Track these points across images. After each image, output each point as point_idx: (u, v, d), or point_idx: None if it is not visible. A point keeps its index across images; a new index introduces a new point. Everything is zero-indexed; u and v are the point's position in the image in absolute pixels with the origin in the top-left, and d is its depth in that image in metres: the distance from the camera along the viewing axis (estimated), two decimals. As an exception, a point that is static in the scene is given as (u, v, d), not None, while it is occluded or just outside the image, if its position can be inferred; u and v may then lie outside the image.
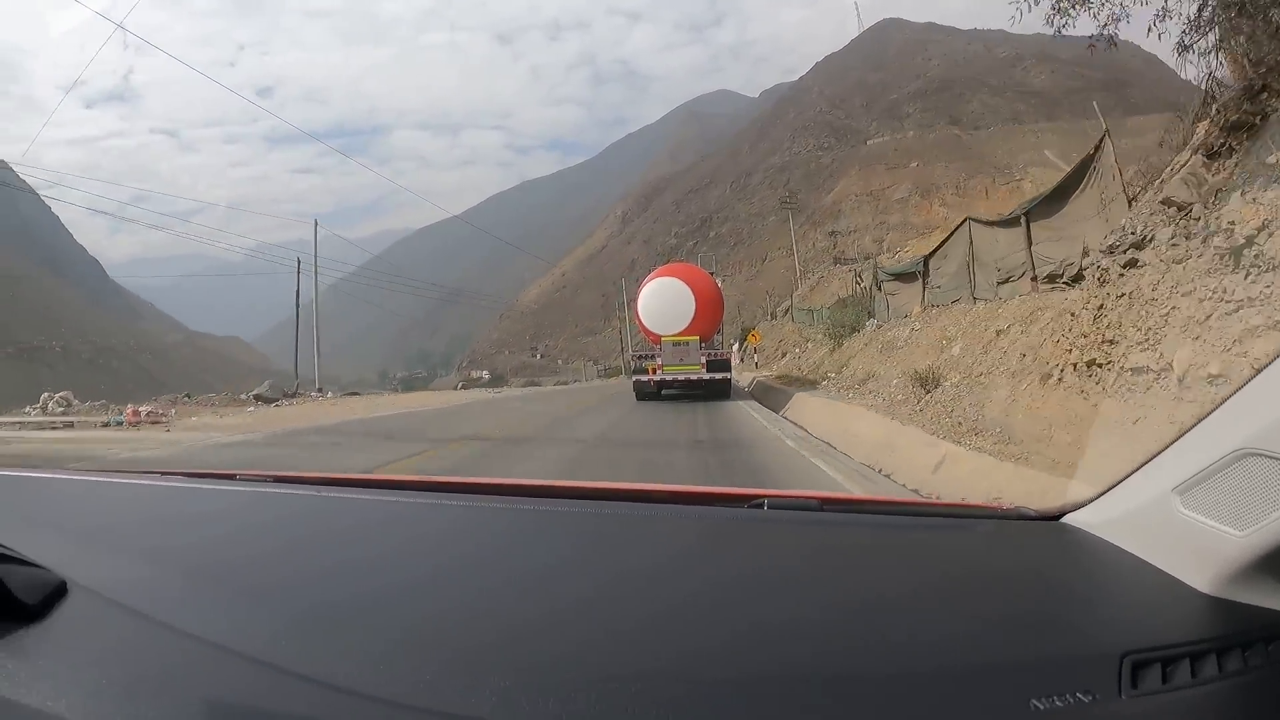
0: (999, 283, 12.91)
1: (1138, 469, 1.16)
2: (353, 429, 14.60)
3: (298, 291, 38.84)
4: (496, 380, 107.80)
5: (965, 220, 14.88)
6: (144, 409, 19.36)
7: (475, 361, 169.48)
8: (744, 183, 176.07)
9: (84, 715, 0.83)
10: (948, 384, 10.04)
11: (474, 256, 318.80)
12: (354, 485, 1.98)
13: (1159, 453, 1.11)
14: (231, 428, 15.79)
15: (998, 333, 10.53)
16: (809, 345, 29.46)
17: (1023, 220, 12.33)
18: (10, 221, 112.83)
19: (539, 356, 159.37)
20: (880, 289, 19.86)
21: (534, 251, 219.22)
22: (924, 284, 16.49)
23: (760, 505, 1.42)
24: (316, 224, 39.77)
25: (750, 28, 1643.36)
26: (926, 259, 16.64)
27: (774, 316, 49.80)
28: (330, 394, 31.54)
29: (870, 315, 20.57)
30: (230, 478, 1.99)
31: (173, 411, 21.31)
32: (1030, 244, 11.85)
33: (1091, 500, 1.25)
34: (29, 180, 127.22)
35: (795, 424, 11.90)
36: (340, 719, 0.83)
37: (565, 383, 73.91)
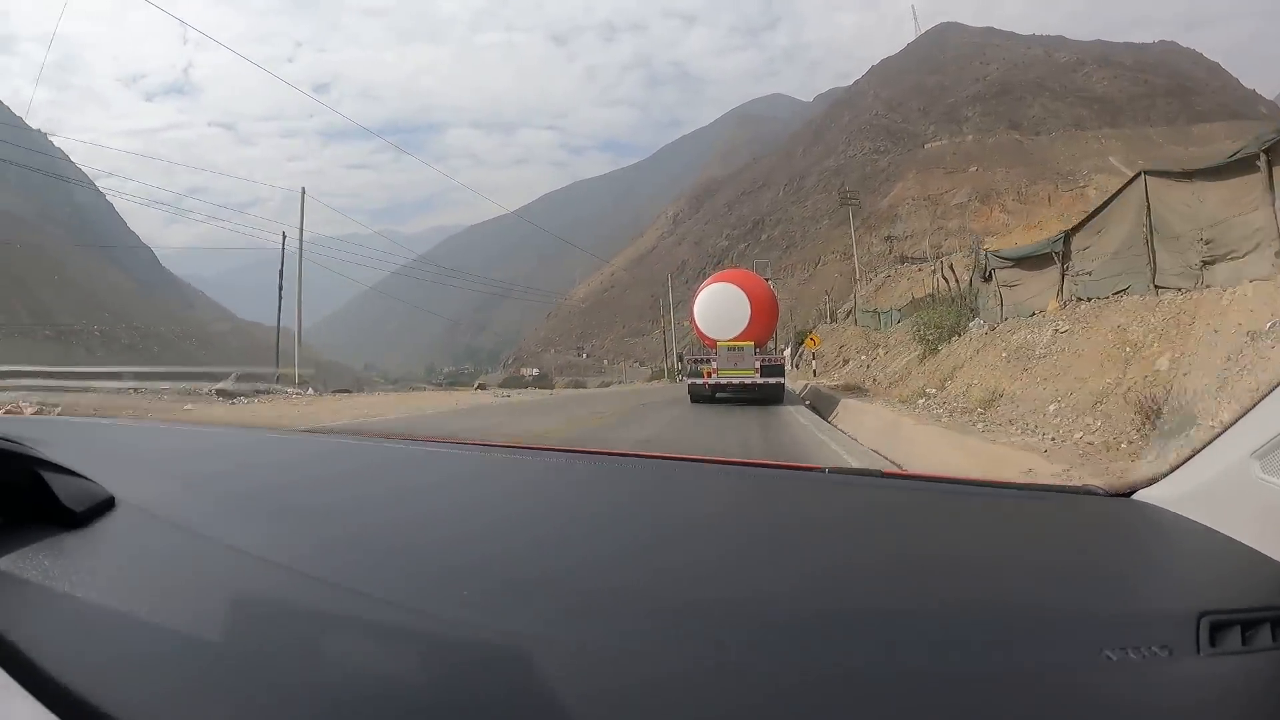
0: (1205, 263, 8.86)
1: (1213, 439, 1.12)
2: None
3: (281, 271, 34.92)
4: (542, 379, 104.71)
5: (1138, 175, 10.68)
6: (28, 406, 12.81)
7: (521, 359, 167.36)
8: (797, 185, 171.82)
9: (117, 613, 0.84)
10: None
11: (524, 255, 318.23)
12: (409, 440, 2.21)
13: (1236, 420, 1.08)
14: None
15: (1251, 335, 6.50)
16: (880, 352, 25.45)
17: (1261, 161, 8.10)
18: (63, 209, 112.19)
19: (584, 356, 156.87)
20: (989, 279, 15.67)
21: (587, 246, 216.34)
22: (1062, 270, 12.42)
23: (822, 470, 1.52)
24: (304, 192, 36.01)
25: (805, 31, 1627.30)
26: (1068, 235, 12.50)
27: (833, 319, 44.98)
28: (313, 391, 27.32)
29: (974, 314, 16.51)
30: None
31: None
32: (1281, 197, 7.70)
33: (1164, 475, 1.22)
34: (86, 170, 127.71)
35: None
36: (377, 623, 0.84)
37: (609, 384, 70.62)
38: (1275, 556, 0.92)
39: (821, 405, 16.38)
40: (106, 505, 0.99)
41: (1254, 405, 1.03)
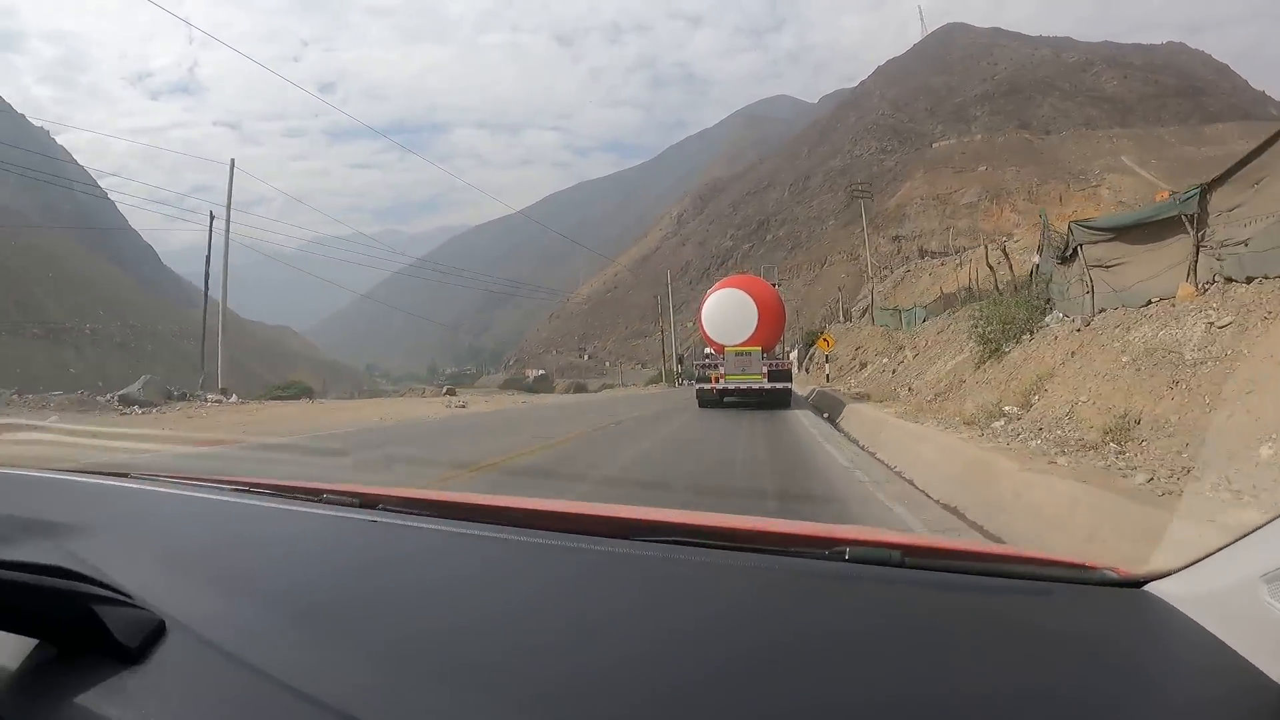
0: None
1: (1226, 546, 1.11)
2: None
3: (208, 258, 30.31)
4: (543, 381, 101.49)
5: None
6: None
7: (523, 360, 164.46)
8: (803, 186, 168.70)
9: None
10: None
11: (528, 256, 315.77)
12: (445, 512, 1.77)
13: (1250, 532, 1.07)
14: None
15: None
16: (906, 354, 21.47)
17: None
18: (64, 207, 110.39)
19: (586, 357, 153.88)
20: (1070, 260, 11.88)
21: (588, 251, 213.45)
22: (1197, 240, 8.76)
23: (841, 553, 1.32)
24: (233, 164, 30.32)
25: (810, 33, 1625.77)
26: (1203, 191, 8.81)
27: (846, 318, 41.01)
28: (236, 399, 23.36)
29: (1047, 305, 12.87)
30: (317, 496, 1.86)
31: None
32: None
33: (1177, 570, 1.19)
34: (92, 170, 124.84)
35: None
36: None
37: (611, 385, 67.31)
38: (1276, 680, 0.91)
39: (850, 424, 12.81)
40: (158, 631, 0.96)
41: (1268, 522, 1.02)
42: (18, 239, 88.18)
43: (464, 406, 22.01)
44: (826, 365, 28.40)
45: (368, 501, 1.78)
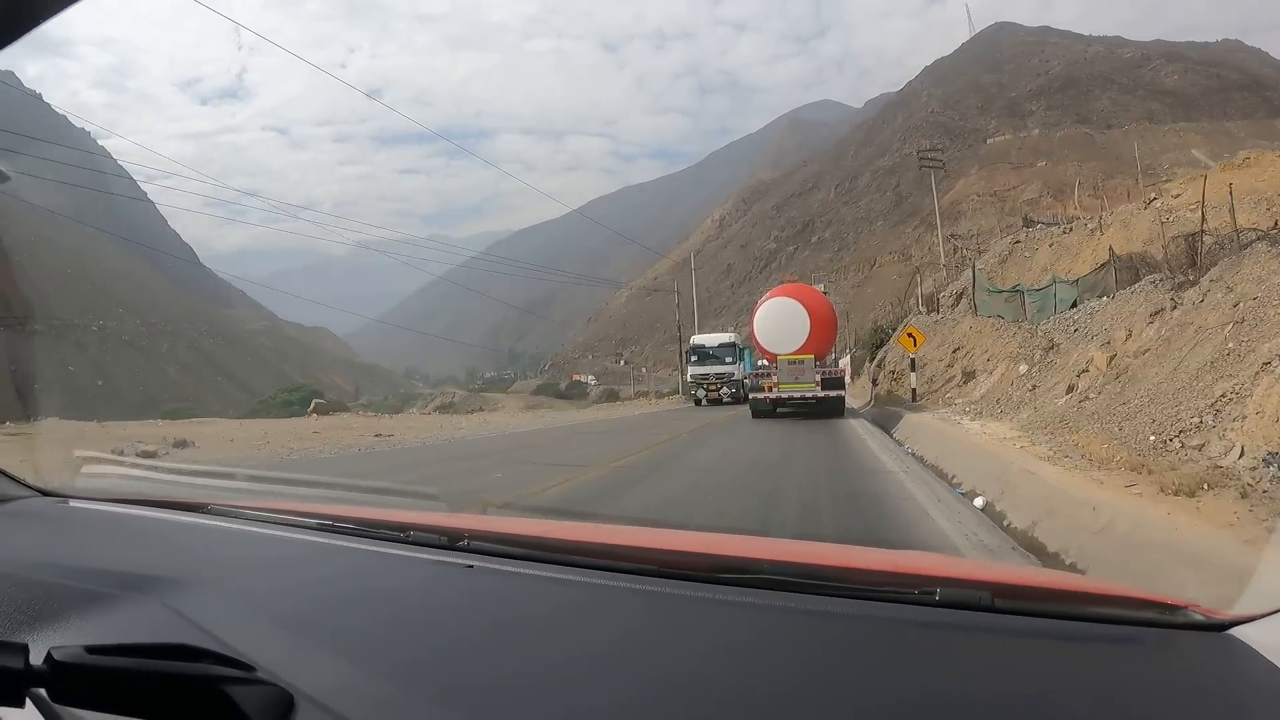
0: None
1: None
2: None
3: None
4: (576, 390, 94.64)
5: None
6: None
7: (559, 365, 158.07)
8: (849, 186, 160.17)
9: None
10: None
11: (570, 260, 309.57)
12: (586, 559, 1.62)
13: None
14: None
15: None
16: (1066, 359, 13.19)
17: None
18: (98, 207, 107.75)
19: (622, 362, 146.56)
20: None
21: (631, 253, 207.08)
22: None
23: (932, 594, 1.28)
24: None
25: (855, 39, 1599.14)
26: None
27: (932, 309, 31.31)
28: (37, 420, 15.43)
29: None
30: (403, 532, 1.78)
31: None
32: None
33: (1263, 616, 1.16)
34: (139, 170, 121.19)
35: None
36: None
37: (645, 393, 59.93)
38: None
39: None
40: (288, 707, 0.92)
41: None
42: (45, 236, 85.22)
43: (391, 435, 16.72)
44: (912, 375, 19.45)
45: (454, 536, 1.72)
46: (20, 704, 0.83)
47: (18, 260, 75.98)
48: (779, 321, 19.74)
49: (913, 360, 19.64)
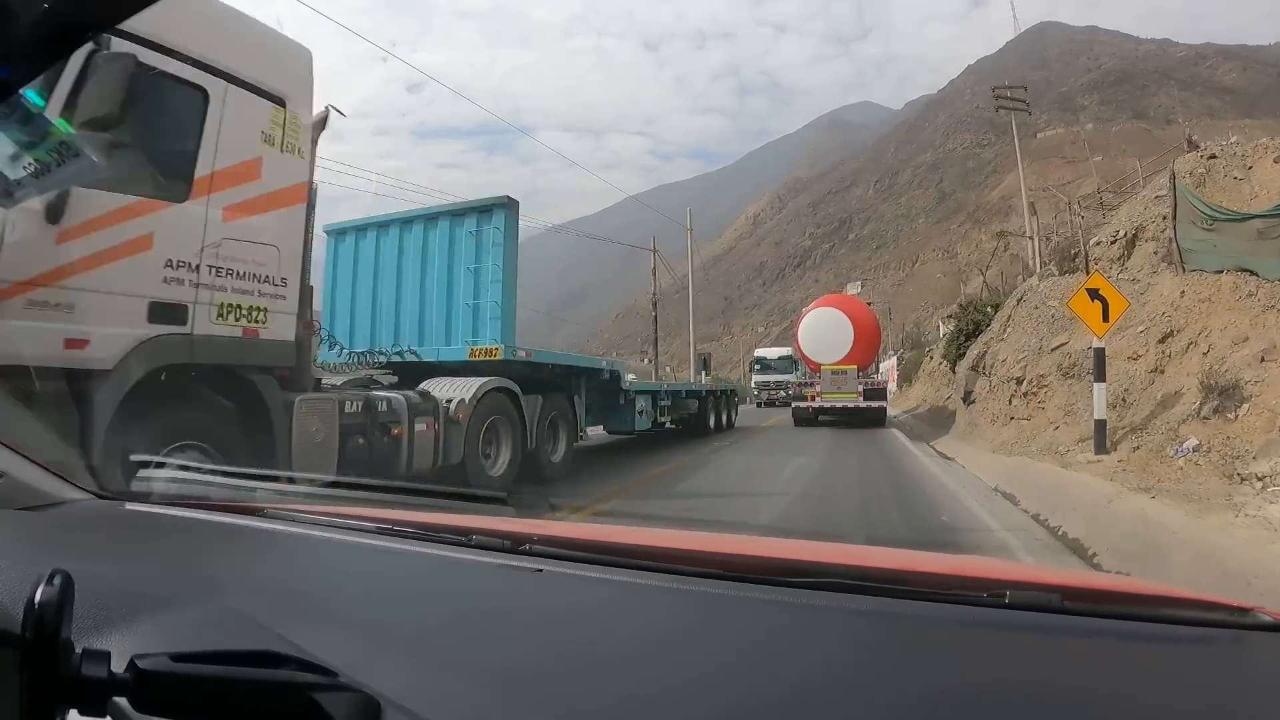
0: None
1: None
2: None
3: None
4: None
5: None
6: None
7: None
8: (889, 183, 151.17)
9: None
10: None
11: (605, 257, 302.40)
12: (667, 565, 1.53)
13: None
14: None
15: None
16: None
17: None
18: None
19: (646, 361, 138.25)
20: None
21: (663, 251, 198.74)
22: None
23: (1001, 596, 1.25)
24: None
25: (896, 43, 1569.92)
26: None
27: (1077, 262, 19.28)
28: None
29: None
30: (465, 536, 1.71)
31: None
32: None
33: None
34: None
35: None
36: None
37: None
38: None
39: None
40: (375, 714, 0.89)
41: None
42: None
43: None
44: (1098, 393, 9.22)
45: (517, 540, 1.65)
46: (103, 714, 0.81)
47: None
48: (823, 332, 19.79)
49: (1099, 356, 9.60)
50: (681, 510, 8.10)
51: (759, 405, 39.06)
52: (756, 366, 43.55)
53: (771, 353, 44.01)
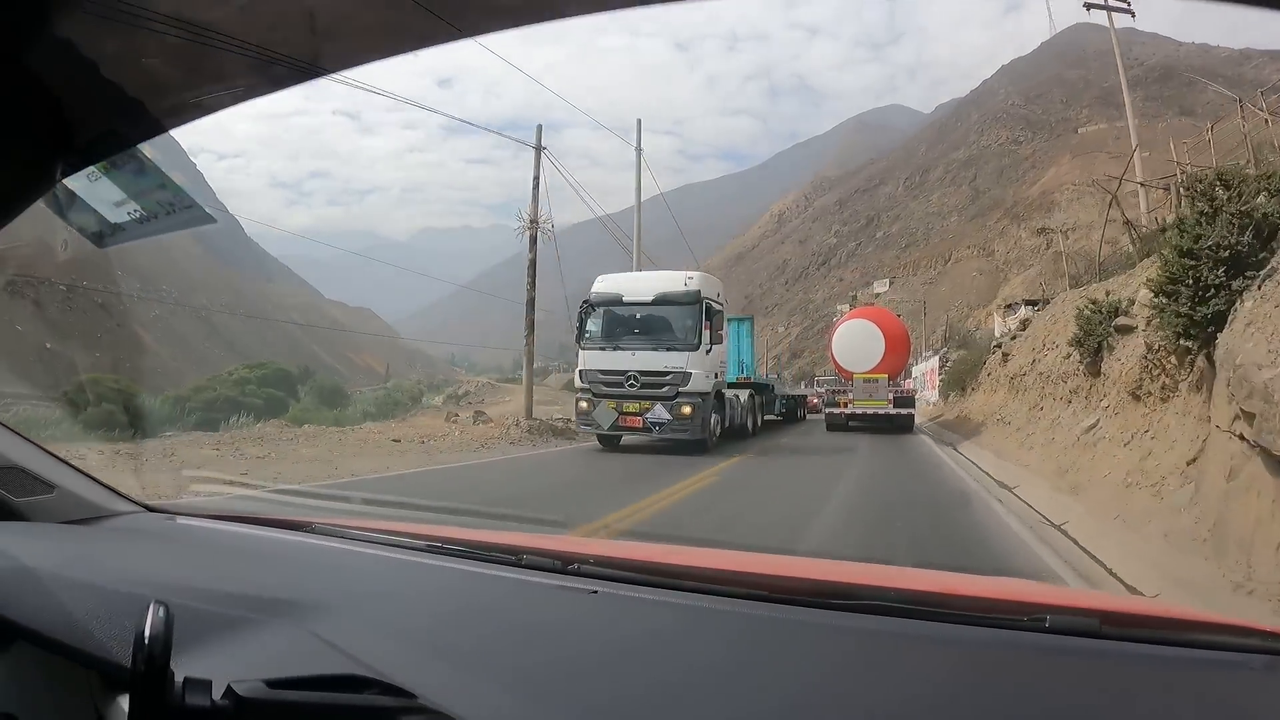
0: None
1: None
2: None
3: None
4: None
5: None
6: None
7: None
8: (919, 180, 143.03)
9: None
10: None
11: (621, 255, 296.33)
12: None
13: None
14: None
15: None
16: None
17: None
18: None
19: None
20: None
21: (685, 251, 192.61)
22: None
23: (1041, 621, 1.23)
24: None
25: (928, 47, 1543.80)
26: None
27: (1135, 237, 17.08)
28: None
29: None
30: (515, 555, 1.68)
31: None
32: None
33: None
34: (183, 140, 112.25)
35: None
36: None
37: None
38: None
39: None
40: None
41: None
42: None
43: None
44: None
45: (566, 560, 1.62)
46: None
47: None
48: (856, 342, 20.67)
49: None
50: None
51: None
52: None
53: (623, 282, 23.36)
